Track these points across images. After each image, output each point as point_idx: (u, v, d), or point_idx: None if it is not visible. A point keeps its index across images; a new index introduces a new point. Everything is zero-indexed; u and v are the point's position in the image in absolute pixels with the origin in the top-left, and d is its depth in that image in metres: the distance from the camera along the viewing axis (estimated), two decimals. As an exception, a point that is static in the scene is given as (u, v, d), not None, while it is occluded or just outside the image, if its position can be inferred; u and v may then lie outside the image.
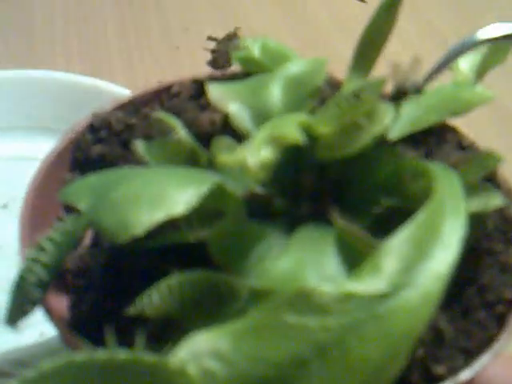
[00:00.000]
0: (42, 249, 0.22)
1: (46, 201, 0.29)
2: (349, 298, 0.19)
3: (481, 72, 0.31)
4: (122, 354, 0.18)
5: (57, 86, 0.56)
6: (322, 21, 0.73)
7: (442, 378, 0.22)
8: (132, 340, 0.21)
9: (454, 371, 0.23)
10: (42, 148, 0.56)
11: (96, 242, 0.28)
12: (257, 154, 0.21)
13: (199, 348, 0.18)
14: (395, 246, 0.20)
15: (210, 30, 0.44)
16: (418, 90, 0.25)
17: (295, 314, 0.19)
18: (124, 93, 0.54)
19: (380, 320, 0.18)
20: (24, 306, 0.22)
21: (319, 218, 0.26)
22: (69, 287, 0.27)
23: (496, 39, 0.26)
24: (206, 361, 0.18)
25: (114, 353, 0.17)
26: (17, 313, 0.22)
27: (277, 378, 0.18)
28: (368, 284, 0.19)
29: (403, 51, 0.67)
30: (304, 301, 0.19)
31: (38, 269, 0.21)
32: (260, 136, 0.22)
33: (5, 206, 0.52)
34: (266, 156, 0.21)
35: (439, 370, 0.22)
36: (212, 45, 0.39)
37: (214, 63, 0.38)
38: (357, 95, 0.25)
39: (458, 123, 0.30)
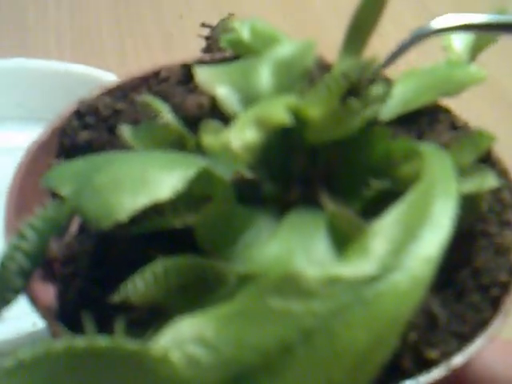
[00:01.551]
0: (23, 236, 0.21)
1: (32, 187, 0.29)
2: (335, 281, 0.18)
3: (474, 52, 0.30)
4: (102, 342, 0.17)
5: (49, 75, 0.56)
6: (314, 3, 0.73)
7: (435, 362, 0.22)
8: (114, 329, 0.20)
9: (447, 355, 0.22)
10: (31, 138, 0.56)
11: (83, 229, 0.27)
12: (241, 136, 0.20)
13: (183, 334, 0.18)
14: (384, 228, 0.19)
15: (204, 17, 0.43)
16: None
17: (281, 299, 0.18)
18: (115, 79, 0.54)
19: (367, 304, 0.18)
20: (6, 295, 0.21)
21: (309, 202, 0.25)
22: (56, 276, 0.27)
23: (450, 29, 0.25)
24: (189, 347, 0.18)
25: (93, 340, 0.17)
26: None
27: (262, 364, 0.18)
28: (355, 267, 0.18)
29: (397, 34, 0.67)
30: (289, 285, 0.18)
31: (20, 256, 0.21)
32: (245, 117, 0.21)
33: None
34: (251, 137, 0.20)
35: (432, 354, 0.22)
36: (206, 32, 0.38)
37: (207, 50, 0.37)
38: (346, 76, 0.24)
39: (452, 101, 0.30)
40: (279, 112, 0.21)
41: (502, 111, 0.58)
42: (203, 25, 0.40)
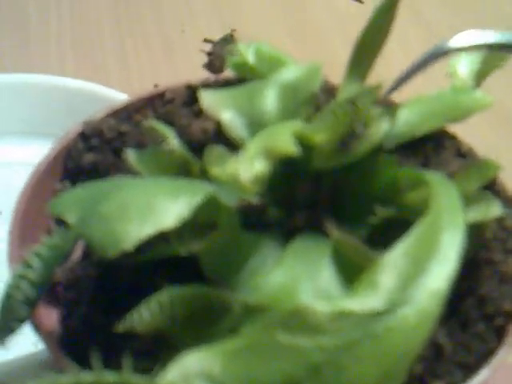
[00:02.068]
0: (29, 265, 0.21)
1: (36, 211, 0.29)
2: (344, 316, 0.18)
3: (480, 77, 0.30)
4: (109, 377, 0.17)
5: (50, 90, 0.56)
6: (320, 21, 0.73)
7: (441, 394, 0.22)
8: (121, 357, 0.20)
9: (452, 386, 0.22)
10: (35, 153, 0.56)
11: (87, 255, 0.27)
12: (250, 168, 0.20)
13: (189, 369, 0.18)
14: (392, 261, 0.19)
15: (206, 33, 0.43)
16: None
17: (288, 334, 0.18)
18: (118, 96, 0.54)
19: (376, 339, 0.18)
20: (11, 324, 0.21)
21: (315, 228, 0.25)
22: (59, 299, 0.26)
23: (468, 48, 0.25)
24: (196, 383, 0.18)
25: (101, 376, 0.17)
26: (4, 331, 0.21)
27: (270, 400, 0.18)
28: (364, 301, 0.18)
29: (402, 55, 0.67)
30: (297, 320, 0.18)
31: (25, 286, 0.21)
32: (253, 148, 0.21)
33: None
34: (260, 169, 0.20)
35: (438, 385, 0.22)
36: (208, 47, 0.38)
37: (209, 66, 0.37)
38: (352, 102, 0.24)
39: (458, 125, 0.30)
40: (286, 142, 0.21)
41: (508, 135, 0.58)
42: (205, 40, 0.40)
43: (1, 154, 0.56)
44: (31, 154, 0.55)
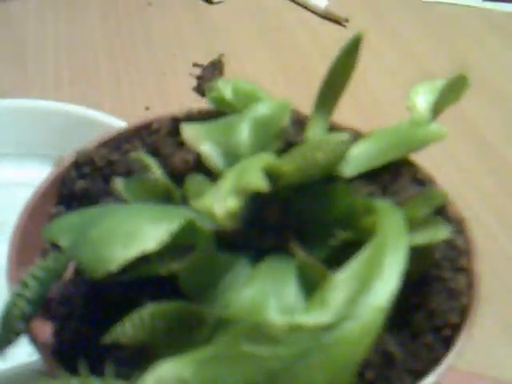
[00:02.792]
0: (25, 285, 0.24)
1: (34, 232, 0.31)
2: (298, 329, 0.21)
3: (436, 110, 0.33)
4: (94, 382, 0.20)
5: (46, 115, 0.59)
6: (303, 47, 0.76)
7: (391, 397, 0.25)
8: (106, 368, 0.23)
9: (402, 391, 0.25)
10: (31, 173, 0.59)
11: (78, 273, 0.30)
12: (223, 204, 0.23)
13: (164, 375, 0.21)
14: (341, 282, 0.22)
15: (195, 57, 0.46)
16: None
17: (251, 344, 0.21)
18: (110, 120, 0.57)
19: (325, 349, 0.21)
20: (9, 337, 0.24)
21: (282, 250, 0.28)
22: (52, 314, 0.29)
23: None
24: (170, 386, 0.21)
25: (87, 380, 0.20)
26: (3, 343, 0.24)
27: (233, 402, 0.20)
28: (315, 316, 0.21)
29: (384, 76, 0.70)
30: (259, 332, 0.21)
31: (22, 303, 0.24)
32: (226, 185, 0.24)
33: (-1, 229, 0.54)
34: (232, 206, 0.23)
35: (388, 390, 0.25)
36: (197, 71, 0.41)
37: (198, 89, 0.40)
38: (318, 148, 0.27)
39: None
40: (257, 178, 0.24)
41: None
42: (195, 64, 0.43)
43: (4, 174, 0.58)
44: (28, 174, 0.58)
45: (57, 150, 0.58)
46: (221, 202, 0.23)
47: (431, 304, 0.28)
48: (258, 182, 0.24)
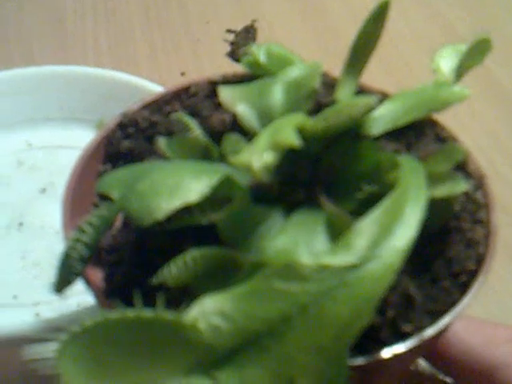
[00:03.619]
0: (82, 231, 0.27)
1: (83, 189, 0.34)
2: (325, 268, 0.23)
3: (460, 72, 0.35)
4: (147, 313, 0.23)
5: (87, 80, 0.62)
6: (335, 14, 0.77)
7: (410, 334, 0.27)
8: (155, 304, 0.26)
9: (420, 329, 0.27)
10: (74, 137, 0.62)
11: (126, 224, 0.33)
12: (260, 159, 0.25)
13: (207, 308, 0.23)
14: (364, 227, 0.24)
15: (229, 23, 0.48)
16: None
17: (283, 282, 0.23)
18: (148, 85, 0.59)
19: (349, 286, 0.23)
20: (68, 277, 0.27)
21: (311, 203, 0.30)
22: (102, 262, 0.32)
23: None
24: (212, 318, 0.23)
25: (141, 311, 0.22)
26: (62, 283, 0.27)
27: (268, 331, 0.23)
28: (341, 257, 0.23)
29: (410, 37, 0.71)
30: (290, 271, 0.23)
31: (80, 247, 0.27)
32: (262, 141, 0.26)
33: (43, 191, 0.57)
34: (268, 160, 0.25)
35: (407, 328, 0.27)
36: (231, 37, 0.43)
37: (232, 54, 0.42)
38: (346, 108, 0.30)
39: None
40: (290, 135, 0.26)
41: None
42: (228, 30, 0.45)
43: (44, 138, 0.62)
44: (71, 138, 0.61)
45: (97, 114, 0.61)
46: (258, 157, 0.25)
47: (450, 252, 0.30)
48: (292, 138, 0.26)
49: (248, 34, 0.43)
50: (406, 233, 0.24)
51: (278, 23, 0.74)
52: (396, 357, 0.27)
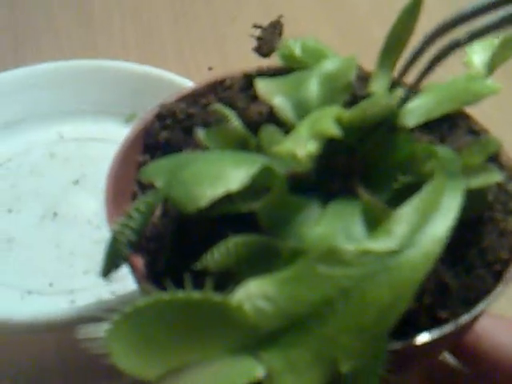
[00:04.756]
0: (130, 216, 0.28)
1: (122, 178, 0.35)
2: (366, 254, 0.24)
3: (491, 66, 0.35)
4: (197, 294, 0.24)
5: (119, 74, 0.63)
6: (359, 8, 0.78)
7: (446, 321, 0.28)
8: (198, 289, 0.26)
9: (456, 316, 0.28)
10: (105, 130, 0.63)
11: (165, 213, 0.34)
12: (304, 147, 0.26)
13: (252, 291, 0.24)
14: (404, 215, 0.25)
15: (255, 19, 0.49)
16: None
17: (325, 266, 0.24)
18: (176, 79, 0.60)
19: (390, 271, 0.24)
20: (115, 261, 0.28)
21: (348, 193, 0.31)
22: (144, 250, 0.33)
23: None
24: (257, 301, 0.24)
25: (190, 293, 0.23)
26: (109, 267, 0.28)
27: (311, 314, 0.24)
28: (382, 243, 0.24)
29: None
30: (332, 256, 0.24)
31: (128, 232, 0.28)
32: (303, 131, 0.27)
33: (76, 182, 0.58)
34: (312, 148, 0.26)
35: (443, 314, 0.28)
36: (257, 32, 0.44)
37: (259, 49, 0.43)
38: (381, 101, 0.30)
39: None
40: (330, 125, 0.27)
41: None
42: (255, 26, 0.46)
43: (76, 130, 0.63)
44: (103, 131, 0.63)
45: (128, 108, 0.62)
46: (302, 146, 0.26)
47: (484, 242, 0.30)
48: (332, 128, 0.27)
49: (275, 30, 0.44)
50: (444, 221, 0.25)
51: (304, 18, 0.75)
52: (432, 342, 0.27)
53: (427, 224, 0.25)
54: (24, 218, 0.55)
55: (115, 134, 0.59)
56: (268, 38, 0.43)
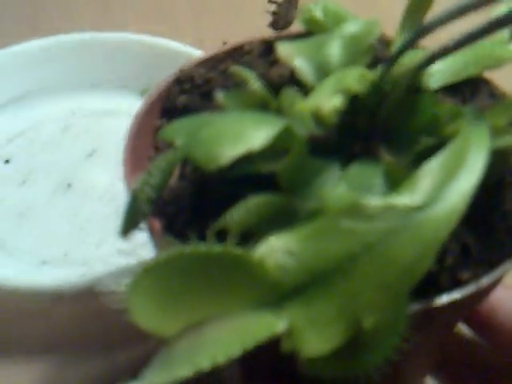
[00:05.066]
0: (150, 174, 0.28)
1: (140, 143, 0.35)
2: (391, 209, 0.24)
3: (515, 32, 0.35)
4: (218, 248, 0.23)
5: (134, 47, 0.63)
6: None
7: (467, 282, 0.27)
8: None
9: (476, 277, 0.28)
10: (119, 104, 0.63)
11: (182, 176, 0.34)
12: (329, 101, 0.26)
13: (274, 247, 0.24)
14: (429, 170, 0.25)
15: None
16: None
17: (349, 221, 0.24)
18: (193, 52, 0.60)
19: (415, 227, 0.24)
20: (135, 219, 0.28)
21: (369, 155, 0.31)
22: (162, 212, 0.33)
23: None
24: (279, 256, 0.24)
25: (212, 246, 0.23)
26: (129, 225, 0.28)
27: (334, 269, 0.24)
28: (407, 198, 0.24)
29: None
30: (356, 211, 0.24)
31: (148, 189, 0.27)
32: (329, 86, 0.27)
33: (90, 155, 0.58)
34: (337, 102, 0.26)
35: (465, 276, 0.28)
36: (273, 7, 0.44)
37: (274, 24, 0.43)
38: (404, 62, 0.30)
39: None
40: (355, 82, 0.27)
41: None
42: (270, 1, 0.45)
43: (89, 104, 0.63)
44: (118, 104, 0.62)
45: (143, 81, 0.62)
46: (326, 100, 0.25)
47: (505, 206, 0.30)
48: (357, 84, 0.27)
49: (290, 4, 0.44)
50: (469, 177, 0.25)
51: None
52: (452, 304, 0.27)
53: (452, 180, 0.24)
54: (37, 190, 0.55)
55: (129, 108, 0.58)
56: (283, 13, 0.43)
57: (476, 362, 0.42)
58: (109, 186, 0.55)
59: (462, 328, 0.41)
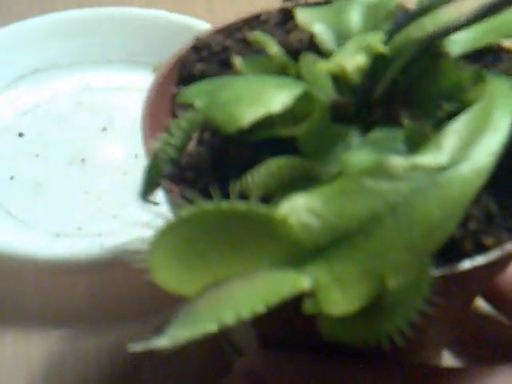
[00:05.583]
0: (171, 134, 0.27)
1: (158, 110, 0.35)
2: (416, 168, 0.24)
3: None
4: (241, 205, 0.23)
5: (148, 23, 0.62)
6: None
7: (490, 247, 0.27)
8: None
9: (500, 243, 0.27)
10: (132, 79, 0.63)
11: (200, 142, 0.33)
12: (353, 59, 0.25)
13: (297, 206, 0.24)
14: (454, 130, 0.24)
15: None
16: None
17: (373, 181, 0.24)
18: (204, 26, 0.59)
19: (440, 187, 0.23)
20: (156, 179, 0.27)
21: (390, 122, 0.30)
22: (180, 178, 0.33)
23: None
24: (303, 215, 0.24)
25: (235, 203, 0.23)
26: (149, 187, 0.28)
27: (358, 229, 0.23)
28: (431, 158, 0.24)
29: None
30: (380, 170, 0.24)
31: (169, 149, 0.27)
32: (352, 45, 0.26)
33: (104, 130, 0.58)
34: (361, 61, 0.25)
35: (488, 241, 0.27)
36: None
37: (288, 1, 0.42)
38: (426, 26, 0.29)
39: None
40: (378, 42, 0.27)
41: None
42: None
43: (103, 79, 0.62)
44: (130, 80, 0.62)
45: (157, 57, 0.61)
46: (351, 58, 0.25)
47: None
48: (380, 45, 0.26)
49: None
50: (495, 137, 0.24)
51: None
52: (476, 270, 0.27)
53: (478, 139, 0.24)
54: (51, 164, 0.55)
55: (143, 84, 0.58)
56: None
57: (494, 338, 0.41)
58: (122, 161, 0.55)
59: (481, 306, 0.41)
